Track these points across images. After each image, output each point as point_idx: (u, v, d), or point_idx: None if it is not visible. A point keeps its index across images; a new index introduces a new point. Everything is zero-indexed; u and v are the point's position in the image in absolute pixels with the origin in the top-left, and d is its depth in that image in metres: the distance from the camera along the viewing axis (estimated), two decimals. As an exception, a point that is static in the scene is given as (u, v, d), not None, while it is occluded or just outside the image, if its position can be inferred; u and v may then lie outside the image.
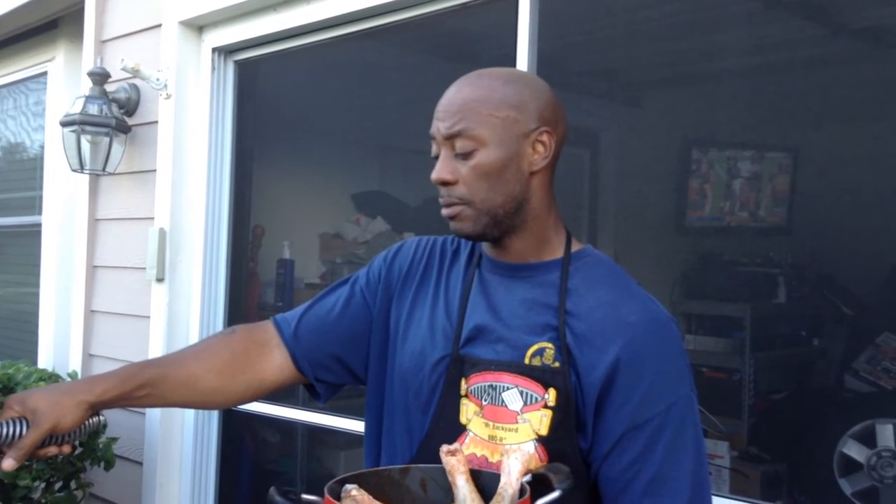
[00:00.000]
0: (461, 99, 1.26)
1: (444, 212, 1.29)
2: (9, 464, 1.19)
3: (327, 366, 1.42)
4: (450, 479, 1.14)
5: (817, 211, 3.57)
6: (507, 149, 1.25)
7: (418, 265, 1.41)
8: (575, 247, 1.33)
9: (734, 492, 3.02)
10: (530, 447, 1.21)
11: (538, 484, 1.10)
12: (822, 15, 3.20)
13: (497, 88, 1.26)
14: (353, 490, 1.08)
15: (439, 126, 1.27)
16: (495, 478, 1.13)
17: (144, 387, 1.33)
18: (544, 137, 1.27)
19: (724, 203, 3.81)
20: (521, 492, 1.09)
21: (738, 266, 3.84)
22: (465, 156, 1.25)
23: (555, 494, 1.08)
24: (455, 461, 1.14)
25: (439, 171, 1.26)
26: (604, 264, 1.33)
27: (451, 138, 1.25)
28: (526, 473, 1.12)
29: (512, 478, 1.10)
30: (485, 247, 1.36)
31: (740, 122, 3.75)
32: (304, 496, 1.09)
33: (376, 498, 1.09)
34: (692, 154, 3.86)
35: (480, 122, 1.24)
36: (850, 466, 3.03)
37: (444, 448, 1.16)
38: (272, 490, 1.09)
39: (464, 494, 1.12)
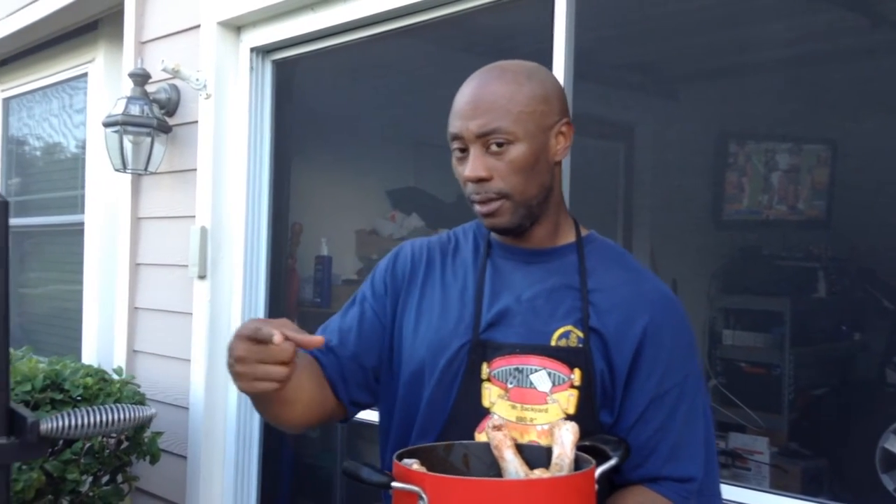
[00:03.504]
0: (490, 96, 1.28)
1: (481, 209, 1.31)
2: (279, 338, 1.11)
3: (365, 385, 1.43)
4: (496, 453, 1.17)
5: (857, 204, 3.52)
6: (538, 142, 1.29)
7: (419, 264, 1.43)
8: (583, 231, 1.40)
9: (775, 487, 3.01)
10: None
11: (587, 453, 1.16)
12: (861, 5, 3.16)
13: (523, 83, 1.29)
14: (414, 464, 1.13)
15: (469, 125, 1.28)
16: (538, 451, 1.18)
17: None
18: (565, 128, 1.33)
19: (762, 196, 3.77)
20: (577, 461, 1.14)
21: (777, 260, 3.80)
22: (499, 152, 1.27)
23: (613, 462, 1.17)
24: (501, 435, 1.18)
25: (475, 169, 1.28)
26: (612, 247, 1.42)
27: (483, 136, 1.27)
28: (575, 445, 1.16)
29: (567, 448, 1.14)
30: (496, 235, 1.39)
31: (778, 114, 3.71)
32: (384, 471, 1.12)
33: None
34: (729, 147, 3.82)
35: (513, 118, 1.27)
36: (893, 462, 2.99)
37: (490, 423, 1.20)
38: (348, 462, 1.13)
39: (514, 467, 1.15)
